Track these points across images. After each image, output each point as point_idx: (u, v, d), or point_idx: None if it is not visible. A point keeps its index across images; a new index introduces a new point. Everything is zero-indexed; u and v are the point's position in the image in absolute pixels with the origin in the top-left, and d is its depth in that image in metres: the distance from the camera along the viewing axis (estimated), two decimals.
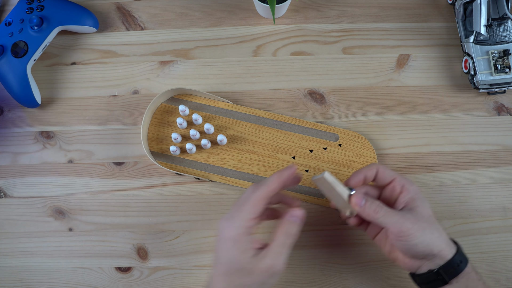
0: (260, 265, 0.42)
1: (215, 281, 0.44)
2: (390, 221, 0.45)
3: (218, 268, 0.44)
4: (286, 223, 0.45)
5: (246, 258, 0.43)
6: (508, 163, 0.58)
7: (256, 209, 0.44)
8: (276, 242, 0.44)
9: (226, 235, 0.43)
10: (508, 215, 0.57)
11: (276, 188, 0.45)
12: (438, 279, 0.45)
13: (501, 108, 0.60)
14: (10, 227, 0.57)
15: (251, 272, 0.42)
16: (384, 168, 0.48)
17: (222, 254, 0.44)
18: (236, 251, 0.43)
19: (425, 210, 0.46)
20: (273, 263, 0.43)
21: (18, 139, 0.59)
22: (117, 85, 0.61)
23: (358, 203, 0.46)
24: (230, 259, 0.43)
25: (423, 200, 0.47)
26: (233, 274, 0.43)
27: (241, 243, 0.43)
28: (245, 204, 0.44)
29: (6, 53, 0.57)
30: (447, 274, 0.45)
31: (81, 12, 0.60)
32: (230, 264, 0.43)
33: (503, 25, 0.57)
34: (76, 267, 0.56)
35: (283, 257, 0.43)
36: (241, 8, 0.63)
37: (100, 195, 0.58)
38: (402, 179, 0.47)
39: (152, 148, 0.58)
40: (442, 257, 0.45)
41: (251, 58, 0.61)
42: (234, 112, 0.59)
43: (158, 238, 0.57)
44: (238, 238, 0.43)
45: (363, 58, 0.61)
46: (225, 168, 0.57)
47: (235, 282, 0.43)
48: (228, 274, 0.43)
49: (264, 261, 0.43)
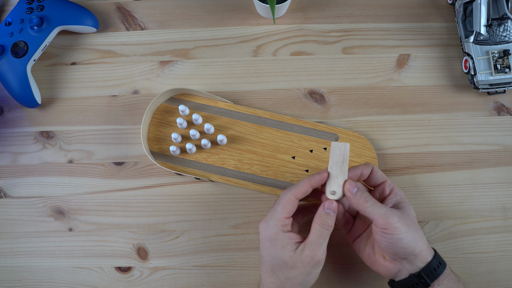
0: (302, 257, 0.46)
1: (264, 278, 0.48)
2: (378, 212, 0.46)
3: (264, 266, 0.48)
4: (321, 215, 0.47)
5: (287, 253, 0.46)
6: (508, 163, 0.58)
7: (288, 209, 0.47)
8: (314, 234, 0.46)
9: (265, 236, 0.47)
10: (508, 215, 0.57)
11: (306, 191, 0.48)
12: (420, 282, 0.46)
13: (501, 108, 0.60)
14: (10, 227, 0.57)
15: (294, 265, 0.46)
16: (377, 169, 0.50)
17: (264, 253, 0.47)
18: (275, 248, 0.46)
19: (411, 212, 0.48)
20: (313, 254, 0.46)
21: (18, 139, 0.59)
22: (117, 85, 0.61)
23: (351, 189, 0.47)
24: (272, 256, 0.47)
25: (409, 205, 0.49)
26: (277, 270, 0.47)
27: (279, 240, 0.46)
28: (278, 206, 0.47)
29: (6, 53, 0.57)
30: (429, 276, 0.46)
31: (81, 12, 0.60)
32: (273, 261, 0.47)
33: (503, 25, 0.57)
34: (76, 267, 0.56)
35: (322, 247, 0.46)
36: (241, 8, 0.63)
37: (100, 195, 0.58)
38: (391, 183, 0.50)
39: (152, 148, 0.58)
40: (423, 258, 0.46)
41: (251, 58, 0.61)
42: (234, 112, 0.59)
43: (158, 238, 0.57)
44: (275, 237, 0.47)
45: (363, 58, 0.61)
46: (225, 168, 0.57)
47: (281, 277, 0.47)
48: (273, 270, 0.47)
49: (304, 253, 0.46)
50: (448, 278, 0.46)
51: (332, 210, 0.47)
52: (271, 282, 0.47)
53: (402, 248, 0.45)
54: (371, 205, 0.46)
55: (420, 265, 0.46)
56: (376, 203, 0.46)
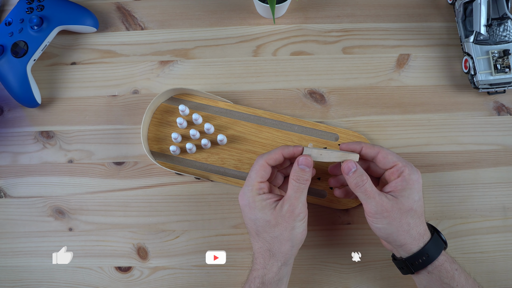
0: (282, 213, 0.47)
1: (253, 245, 0.49)
2: (364, 198, 0.47)
3: (250, 234, 0.49)
4: (296, 170, 0.48)
5: (267, 212, 0.47)
6: (508, 163, 0.58)
7: (260, 174, 0.48)
8: (291, 189, 0.48)
9: (243, 202, 0.49)
10: (508, 215, 0.57)
11: (277, 158, 0.49)
12: (405, 267, 0.49)
13: (501, 108, 0.60)
14: (10, 227, 0.57)
15: (277, 222, 0.47)
16: (386, 153, 0.49)
17: (247, 219, 0.49)
18: (255, 211, 0.48)
19: (408, 202, 0.47)
20: (293, 208, 0.47)
21: (18, 139, 0.59)
22: (117, 85, 0.61)
23: (348, 169, 0.48)
24: (253, 220, 0.48)
25: (414, 192, 0.47)
26: (262, 231, 0.48)
27: (257, 202, 0.48)
28: (251, 172, 0.49)
29: (6, 53, 0.57)
30: (413, 265, 0.48)
31: (81, 12, 0.60)
32: (256, 224, 0.48)
33: (503, 25, 0.57)
34: (76, 267, 0.56)
35: (301, 200, 0.47)
36: (241, 8, 0.63)
37: (100, 195, 0.58)
38: (402, 166, 0.48)
39: (152, 148, 0.58)
40: (407, 249, 0.47)
41: (251, 58, 0.61)
42: (234, 112, 0.59)
43: (158, 238, 0.57)
44: (252, 200, 0.48)
45: (363, 58, 0.61)
46: (225, 168, 0.57)
47: (267, 237, 0.48)
48: (258, 233, 0.48)
49: (284, 208, 0.47)
50: (439, 268, 0.47)
51: (307, 166, 0.48)
52: (260, 247, 0.48)
53: (382, 237, 0.48)
54: (362, 190, 0.47)
55: (404, 254, 0.48)
56: (368, 189, 0.46)
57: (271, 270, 0.47)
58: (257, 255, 0.48)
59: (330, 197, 0.57)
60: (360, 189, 0.47)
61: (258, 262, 0.48)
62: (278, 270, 0.47)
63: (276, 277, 0.47)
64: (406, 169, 0.48)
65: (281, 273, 0.48)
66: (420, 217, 0.48)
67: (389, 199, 0.47)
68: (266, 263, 0.47)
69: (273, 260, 0.47)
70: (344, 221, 0.57)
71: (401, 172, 0.48)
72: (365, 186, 0.47)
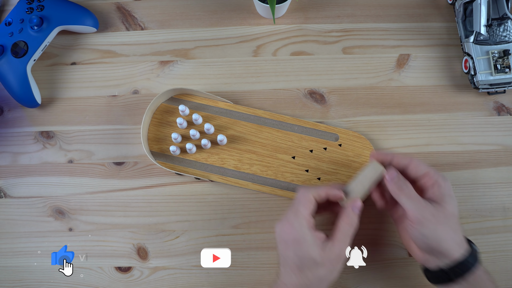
0: (330, 255, 0.47)
1: (287, 279, 0.47)
2: (409, 203, 0.46)
3: (288, 267, 0.47)
4: (348, 214, 0.48)
5: (316, 251, 0.46)
6: (508, 163, 0.58)
7: (310, 208, 0.48)
8: (341, 232, 0.48)
9: (291, 237, 0.47)
10: (508, 215, 0.57)
11: (323, 197, 0.49)
12: (446, 278, 0.46)
13: (501, 108, 0.60)
14: (10, 227, 0.57)
15: (323, 263, 0.46)
16: (418, 162, 0.49)
17: (291, 254, 0.47)
18: (304, 247, 0.46)
19: (450, 207, 0.47)
20: (341, 252, 0.47)
21: (18, 139, 0.59)
22: (117, 85, 0.61)
23: (389, 176, 0.48)
24: (300, 256, 0.46)
25: (452, 198, 0.47)
26: (306, 269, 0.46)
27: (307, 239, 0.46)
28: (299, 206, 0.48)
29: (6, 53, 0.57)
30: (454, 273, 0.46)
31: (81, 12, 0.60)
32: (301, 261, 0.46)
33: (503, 25, 0.57)
34: (76, 267, 0.56)
35: (348, 244, 0.48)
36: (241, 8, 0.63)
37: (100, 195, 0.58)
38: (435, 174, 0.48)
39: (152, 148, 0.58)
40: (450, 256, 0.46)
41: (251, 58, 0.61)
42: (234, 112, 0.59)
43: (158, 238, 0.57)
44: (303, 236, 0.46)
45: (363, 58, 0.61)
46: (225, 168, 0.57)
47: (310, 276, 0.47)
48: (302, 269, 0.46)
49: (333, 251, 0.47)
50: (476, 278, 0.46)
51: (358, 209, 0.49)
52: (298, 282, 0.47)
53: (427, 244, 0.46)
54: (405, 195, 0.46)
55: (447, 262, 0.46)
56: (411, 194, 0.46)
57: None
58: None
59: None
60: (403, 193, 0.47)
61: None
62: None
63: None
64: (438, 176, 0.48)
65: None
66: (459, 223, 0.47)
67: (432, 204, 0.46)
68: None
69: None
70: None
71: (435, 180, 0.48)
72: (410, 190, 0.47)
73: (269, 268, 0.56)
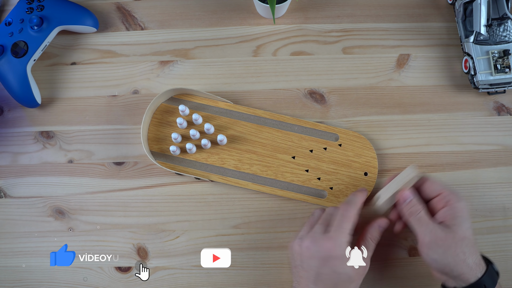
0: (360, 270, 0.48)
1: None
2: (419, 228, 0.46)
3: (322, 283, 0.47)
4: (374, 230, 0.51)
5: (352, 269, 0.47)
6: (508, 163, 0.58)
7: (353, 226, 0.48)
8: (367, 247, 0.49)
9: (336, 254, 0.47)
10: (508, 215, 0.57)
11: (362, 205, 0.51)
12: None
13: (501, 108, 0.60)
14: (10, 227, 0.57)
15: (355, 279, 0.47)
16: (433, 181, 0.49)
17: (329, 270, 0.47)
18: (344, 265, 0.47)
19: (461, 230, 0.46)
20: (367, 267, 0.49)
21: (18, 139, 0.59)
22: (117, 85, 0.61)
23: (401, 200, 0.48)
24: (340, 273, 0.47)
25: (464, 220, 0.47)
26: (340, 286, 0.47)
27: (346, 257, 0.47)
28: (344, 223, 0.48)
29: (6, 53, 0.57)
30: None
31: (81, 12, 0.60)
32: (339, 277, 0.47)
33: (503, 25, 0.57)
34: (76, 267, 0.56)
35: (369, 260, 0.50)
36: (241, 8, 0.63)
37: (100, 195, 0.58)
38: (449, 194, 0.48)
39: (152, 148, 0.58)
40: (464, 280, 0.46)
41: (251, 58, 0.61)
42: (234, 112, 0.59)
43: (158, 238, 0.57)
44: (345, 253, 0.47)
45: (363, 58, 0.61)
46: (225, 168, 0.57)
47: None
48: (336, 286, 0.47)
49: (361, 267, 0.48)
50: None
51: (383, 227, 0.51)
52: None
53: (437, 268, 0.46)
54: (415, 219, 0.46)
55: (461, 284, 0.46)
56: (421, 219, 0.46)
57: None
58: None
59: (330, 197, 0.57)
60: (414, 217, 0.47)
61: None
62: None
63: None
64: (452, 196, 0.47)
65: None
66: (474, 246, 0.47)
67: (442, 228, 0.46)
68: None
69: None
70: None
71: (448, 201, 0.47)
72: (420, 214, 0.47)
73: (269, 268, 0.56)
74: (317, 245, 0.47)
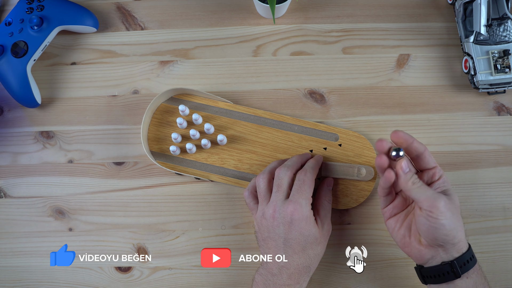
0: (324, 231, 0.50)
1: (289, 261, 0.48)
2: (425, 194, 0.45)
3: (291, 248, 0.48)
4: (326, 192, 0.53)
5: (316, 229, 0.49)
6: (508, 163, 0.58)
7: (312, 189, 0.51)
8: (325, 209, 0.52)
9: (299, 216, 0.48)
10: (508, 215, 0.57)
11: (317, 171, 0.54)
12: (451, 271, 0.46)
13: (501, 108, 0.60)
14: (10, 227, 0.57)
15: (321, 240, 0.50)
16: (430, 154, 0.48)
17: (297, 233, 0.48)
18: (309, 226, 0.49)
19: (457, 201, 0.47)
20: (329, 227, 0.52)
21: (18, 139, 0.59)
22: (117, 85, 0.61)
23: (404, 168, 0.47)
24: (306, 235, 0.49)
25: (455, 195, 0.47)
26: (309, 248, 0.49)
27: (311, 218, 0.49)
28: (305, 186, 0.50)
29: (6, 53, 0.57)
30: (461, 267, 0.45)
31: (81, 12, 0.60)
32: (306, 239, 0.49)
33: (503, 25, 0.57)
34: (76, 267, 0.56)
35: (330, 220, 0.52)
36: (241, 8, 0.63)
37: (100, 195, 0.58)
38: (441, 170, 0.49)
39: (152, 148, 0.58)
40: (459, 249, 0.46)
41: (251, 58, 0.61)
42: (234, 112, 0.59)
43: (158, 238, 0.57)
44: (309, 215, 0.49)
45: (363, 58, 0.61)
46: (225, 168, 0.57)
47: (311, 254, 0.49)
48: (305, 249, 0.49)
49: (325, 227, 0.51)
50: (477, 273, 0.46)
51: (331, 185, 0.55)
52: (300, 263, 0.48)
53: (443, 235, 0.45)
54: (417, 187, 0.45)
55: (454, 254, 0.46)
56: (423, 186, 0.46)
57: (302, 286, 0.49)
58: (293, 271, 0.48)
59: None
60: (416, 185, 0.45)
61: (293, 277, 0.48)
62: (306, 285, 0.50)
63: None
64: (442, 172, 0.48)
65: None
66: None
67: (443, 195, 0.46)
68: (300, 279, 0.49)
69: (306, 276, 0.49)
70: (344, 221, 0.57)
71: (441, 175, 0.48)
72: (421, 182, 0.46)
73: None
74: (281, 211, 0.48)
